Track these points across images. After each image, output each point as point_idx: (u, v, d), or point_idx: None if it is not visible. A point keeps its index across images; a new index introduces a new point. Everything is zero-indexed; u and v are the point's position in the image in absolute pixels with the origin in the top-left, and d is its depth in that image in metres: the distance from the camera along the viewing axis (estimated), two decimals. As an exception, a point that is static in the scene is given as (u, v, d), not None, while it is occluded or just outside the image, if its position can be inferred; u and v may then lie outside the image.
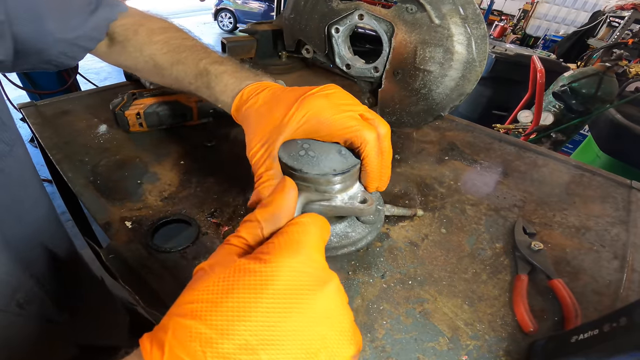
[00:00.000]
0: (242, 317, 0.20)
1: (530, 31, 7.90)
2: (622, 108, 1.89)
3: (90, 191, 0.54)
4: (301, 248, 0.24)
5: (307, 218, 0.27)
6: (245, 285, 0.21)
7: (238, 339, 0.19)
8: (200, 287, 0.21)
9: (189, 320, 0.20)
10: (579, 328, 0.33)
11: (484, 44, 0.59)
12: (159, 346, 0.19)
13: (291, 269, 0.22)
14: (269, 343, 0.19)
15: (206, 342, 0.19)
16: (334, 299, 0.23)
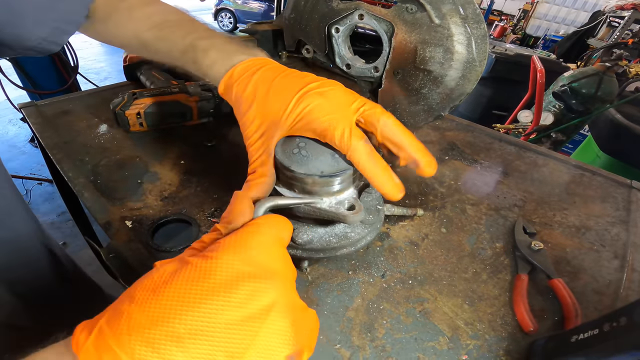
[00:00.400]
0: (176, 306, 0.20)
1: (530, 31, 7.90)
2: (622, 108, 1.89)
3: (91, 191, 0.54)
4: (245, 247, 0.24)
5: (262, 219, 0.28)
6: (184, 277, 0.22)
7: (167, 327, 0.20)
8: (145, 279, 0.23)
9: (125, 305, 0.21)
10: (579, 328, 0.33)
11: (484, 43, 0.59)
12: (89, 329, 0.20)
13: (229, 265, 0.23)
14: (197, 334, 0.20)
15: (134, 327, 0.19)
16: (271, 298, 0.23)
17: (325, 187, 0.38)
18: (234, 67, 0.41)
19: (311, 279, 0.43)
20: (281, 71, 0.40)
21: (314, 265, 0.45)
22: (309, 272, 0.44)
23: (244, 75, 0.40)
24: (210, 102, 0.69)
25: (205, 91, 0.69)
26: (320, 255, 0.43)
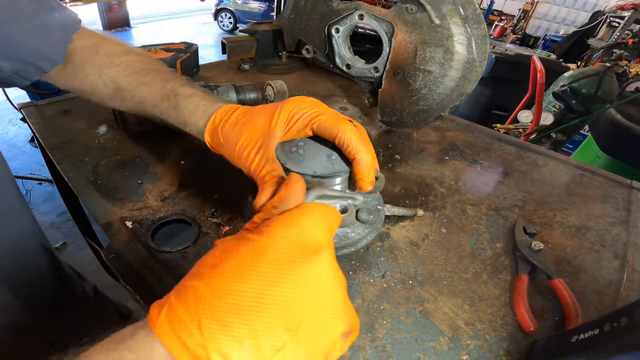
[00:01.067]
0: (236, 280, 0.21)
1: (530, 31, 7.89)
2: (622, 108, 1.89)
3: (91, 191, 0.54)
4: (298, 224, 0.25)
5: (314, 205, 0.28)
6: (242, 252, 0.23)
7: (229, 299, 0.21)
8: (207, 255, 0.24)
9: (190, 280, 0.22)
10: (580, 328, 0.33)
11: (484, 44, 0.59)
12: (161, 306, 0.21)
13: (285, 240, 0.24)
14: (257, 307, 0.21)
15: (200, 300, 0.21)
16: (325, 270, 0.24)
17: (318, 187, 0.38)
18: (215, 112, 0.42)
19: (311, 279, 0.43)
20: (258, 105, 0.42)
21: (314, 265, 0.45)
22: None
23: (226, 115, 0.41)
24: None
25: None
26: None
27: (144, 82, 0.47)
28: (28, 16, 0.42)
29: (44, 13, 0.44)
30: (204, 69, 0.96)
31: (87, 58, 0.48)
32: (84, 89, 0.50)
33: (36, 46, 0.43)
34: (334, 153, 0.38)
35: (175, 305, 0.21)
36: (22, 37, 0.42)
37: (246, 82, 0.80)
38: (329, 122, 0.36)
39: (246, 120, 0.39)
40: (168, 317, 0.20)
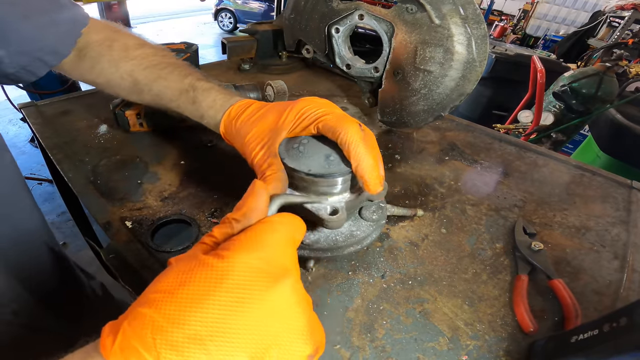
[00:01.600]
0: (194, 308, 0.20)
1: (530, 31, 7.89)
2: (622, 108, 1.89)
3: (91, 191, 0.54)
4: (261, 245, 0.24)
5: (277, 217, 0.27)
6: (201, 278, 0.22)
7: (188, 329, 0.20)
8: (161, 279, 0.22)
9: (145, 308, 0.20)
10: (579, 328, 0.33)
11: (484, 44, 0.59)
12: (115, 332, 0.20)
13: (246, 265, 0.22)
14: (218, 336, 0.20)
15: (157, 330, 0.19)
16: (288, 297, 0.23)
17: (311, 186, 0.38)
18: (232, 106, 0.43)
19: (311, 279, 0.43)
20: (273, 102, 0.42)
21: (315, 265, 0.45)
22: (311, 272, 0.44)
23: (241, 110, 0.42)
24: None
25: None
26: (327, 255, 0.43)
27: (161, 76, 0.47)
28: (37, 12, 0.42)
29: (52, 9, 0.44)
30: (204, 69, 0.96)
31: (103, 52, 0.48)
32: (101, 81, 0.51)
33: (43, 41, 0.44)
34: (333, 154, 0.38)
35: (129, 333, 0.20)
36: (30, 33, 0.42)
37: (246, 82, 0.80)
38: (333, 121, 0.36)
39: (259, 116, 0.40)
40: (122, 346, 0.19)
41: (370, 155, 0.36)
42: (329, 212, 0.38)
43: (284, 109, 0.39)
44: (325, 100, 0.39)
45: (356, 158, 0.36)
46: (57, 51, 0.46)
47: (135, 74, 0.48)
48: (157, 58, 0.49)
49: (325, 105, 0.38)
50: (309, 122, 0.38)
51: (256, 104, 0.42)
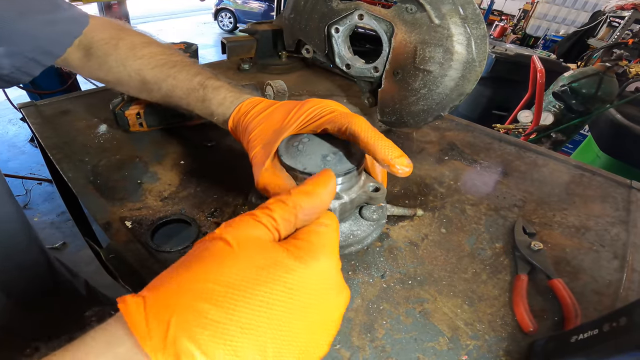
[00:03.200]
0: (267, 314, 0.19)
1: (530, 31, 7.89)
2: (622, 108, 1.89)
3: (90, 191, 0.54)
4: (331, 254, 0.24)
5: (331, 220, 0.26)
6: (279, 280, 0.21)
7: (256, 339, 0.19)
8: (226, 267, 0.20)
9: (206, 304, 0.18)
10: (579, 328, 0.33)
11: (483, 44, 0.59)
12: (159, 323, 0.18)
13: (322, 273, 0.22)
14: (280, 342, 0.19)
15: (221, 334, 0.18)
16: (341, 309, 0.23)
17: None
18: (242, 103, 0.43)
19: (311, 279, 0.43)
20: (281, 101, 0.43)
21: (314, 265, 0.45)
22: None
23: (250, 107, 0.42)
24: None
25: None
26: None
27: (170, 75, 0.48)
28: (34, 11, 0.42)
29: (50, 9, 0.44)
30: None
31: (109, 51, 0.48)
32: (110, 79, 0.51)
33: (38, 41, 0.44)
34: (332, 154, 0.38)
35: (180, 333, 0.18)
36: (25, 32, 0.42)
37: (246, 82, 0.80)
38: (339, 118, 0.36)
39: (266, 114, 0.41)
40: (169, 342, 0.18)
41: (384, 138, 0.34)
42: (372, 189, 0.39)
43: (291, 108, 0.39)
44: (333, 101, 0.39)
45: (372, 143, 0.34)
46: (49, 51, 0.46)
47: (144, 72, 0.48)
48: (164, 57, 0.49)
49: (333, 105, 0.38)
50: (317, 121, 0.37)
51: (265, 101, 0.42)
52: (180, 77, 0.47)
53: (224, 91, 0.46)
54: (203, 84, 0.46)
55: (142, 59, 0.48)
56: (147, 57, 0.49)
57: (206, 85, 0.46)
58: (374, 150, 0.34)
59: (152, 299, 0.19)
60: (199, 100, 0.46)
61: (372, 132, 0.34)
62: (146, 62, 0.48)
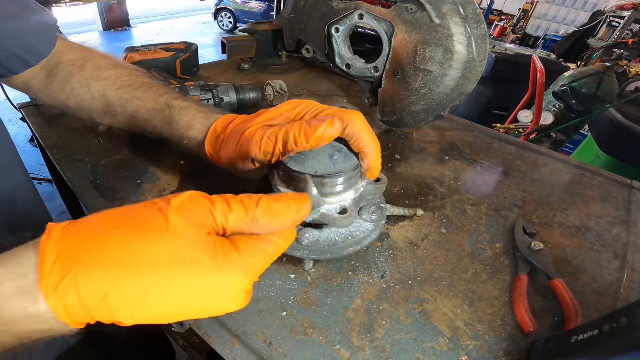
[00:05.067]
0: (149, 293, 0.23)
1: (530, 31, 7.89)
2: (622, 108, 1.89)
3: (90, 191, 0.54)
4: (251, 274, 0.25)
5: (284, 241, 0.27)
6: (185, 279, 0.23)
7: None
8: (149, 246, 0.23)
9: (111, 271, 0.22)
10: (579, 328, 0.33)
11: (484, 43, 0.59)
12: (62, 269, 0.22)
13: (229, 285, 0.25)
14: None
15: (111, 286, 0.22)
16: (215, 313, 0.26)
17: (321, 188, 0.38)
18: (215, 122, 0.41)
19: (311, 279, 0.43)
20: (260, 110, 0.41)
21: (315, 266, 0.45)
22: (310, 273, 0.44)
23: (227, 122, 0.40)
24: (210, 103, 0.69)
25: (205, 92, 0.69)
26: (327, 256, 0.43)
27: (136, 95, 0.45)
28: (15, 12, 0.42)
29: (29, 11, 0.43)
30: (204, 68, 0.96)
31: (74, 72, 0.46)
32: (72, 103, 0.48)
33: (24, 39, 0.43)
34: (336, 153, 0.38)
35: (81, 277, 0.22)
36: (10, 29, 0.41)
37: (246, 82, 0.80)
38: (339, 114, 0.36)
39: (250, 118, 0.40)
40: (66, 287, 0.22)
41: (377, 144, 0.37)
42: (338, 211, 0.38)
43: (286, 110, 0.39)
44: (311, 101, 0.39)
45: (366, 148, 0.36)
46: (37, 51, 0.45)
47: (108, 94, 0.46)
48: (131, 78, 0.47)
49: (317, 103, 0.38)
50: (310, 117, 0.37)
51: (241, 116, 0.41)
52: (146, 97, 0.45)
53: (192, 112, 0.43)
54: (169, 104, 0.44)
55: (108, 80, 0.46)
56: (112, 78, 0.46)
57: (173, 105, 0.44)
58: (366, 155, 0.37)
59: (71, 243, 0.23)
60: (166, 122, 0.44)
61: (368, 137, 0.36)
62: (111, 83, 0.46)
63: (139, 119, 0.46)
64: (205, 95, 0.69)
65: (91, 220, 0.24)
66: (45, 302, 0.21)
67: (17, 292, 0.22)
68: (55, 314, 0.22)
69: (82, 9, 6.78)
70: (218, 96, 0.69)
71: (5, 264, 0.23)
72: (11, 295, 0.22)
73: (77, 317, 0.22)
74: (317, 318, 0.39)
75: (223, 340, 0.36)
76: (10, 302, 0.22)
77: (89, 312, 0.22)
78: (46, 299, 0.21)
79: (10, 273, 0.22)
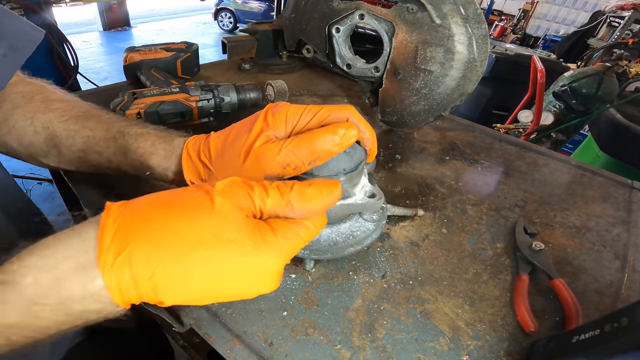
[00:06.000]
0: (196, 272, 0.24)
1: (530, 31, 7.90)
2: (622, 108, 1.89)
3: (90, 191, 0.54)
4: (285, 255, 0.26)
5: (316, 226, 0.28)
6: (227, 257, 0.24)
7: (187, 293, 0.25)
8: (196, 224, 0.24)
9: (160, 249, 0.23)
10: (580, 328, 0.33)
11: (485, 43, 0.59)
12: (119, 244, 0.23)
13: (266, 266, 0.26)
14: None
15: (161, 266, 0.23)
16: (254, 293, 0.27)
17: (349, 183, 0.39)
18: (186, 145, 0.37)
19: (311, 279, 0.43)
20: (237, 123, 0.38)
21: (315, 265, 0.45)
22: (311, 273, 0.44)
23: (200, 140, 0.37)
24: (211, 103, 0.69)
25: (205, 92, 0.69)
26: (327, 256, 0.43)
27: (86, 126, 0.40)
28: None
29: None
30: (204, 68, 0.96)
31: (20, 104, 0.40)
32: (11, 140, 0.41)
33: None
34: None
35: (135, 259, 0.23)
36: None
37: (246, 81, 0.80)
38: (335, 108, 0.36)
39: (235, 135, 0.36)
40: (122, 265, 0.23)
41: (372, 129, 0.39)
42: (368, 195, 0.39)
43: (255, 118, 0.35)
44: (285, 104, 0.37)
45: (365, 135, 0.38)
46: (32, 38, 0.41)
47: (53, 126, 0.39)
48: (81, 109, 0.42)
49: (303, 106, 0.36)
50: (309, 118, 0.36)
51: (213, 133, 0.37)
52: (97, 127, 0.40)
53: (151, 138, 0.38)
54: (123, 132, 0.39)
55: (55, 111, 0.40)
56: (61, 110, 0.40)
57: (127, 132, 0.39)
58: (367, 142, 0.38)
59: (128, 220, 0.24)
60: (121, 152, 0.39)
61: (365, 125, 0.38)
62: (58, 115, 0.40)
63: (90, 151, 0.40)
64: (205, 95, 0.69)
65: (145, 199, 0.27)
66: (102, 279, 0.22)
67: (78, 269, 0.23)
68: (109, 292, 0.23)
69: (82, 9, 6.79)
70: (218, 96, 0.69)
71: (66, 239, 0.24)
72: (73, 272, 0.23)
73: (128, 294, 0.23)
74: (317, 318, 0.39)
75: (224, 340, 0.36)
76: (72, 279, 0.22)
77: (139, 290, 0.23)
78: (103, 275, 0.22)
79: (71, 249, 0.23)
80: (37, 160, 0.42)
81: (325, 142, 0.33)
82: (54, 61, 2.06)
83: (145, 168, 0.39)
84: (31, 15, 1.89)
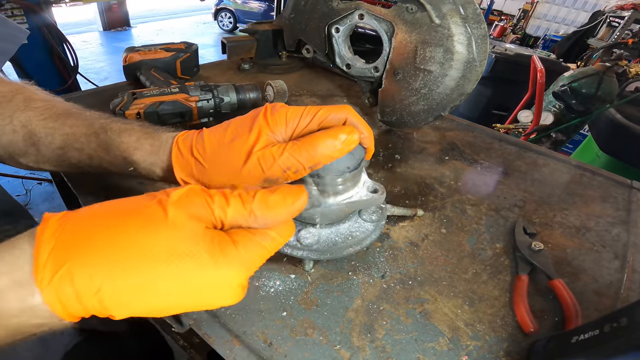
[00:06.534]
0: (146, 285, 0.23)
1: (530, 31, 7.90)
2: (622, 108, 1.89)
3: (90, 191, 0.54)
4: (247, 268, 0.25)
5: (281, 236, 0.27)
6: (183, 274, 0.23)
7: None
8: (149, 237, 0.23)
9: (106, 265, 0.22)
10: (580, 328, 0.33)
11: (484, 43, 0.59)
12: (57, 261, 0.22)
13: (224, 278, 0.24)
14: None
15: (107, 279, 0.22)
16: (212, 305, 0.26)
17: (353, 180, 0.39)
18: (175, 141, 0.36)
19: (311, 279, 0.43)
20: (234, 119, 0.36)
21: (315, 265, 0.45)
22: (310, 273, 0.44)
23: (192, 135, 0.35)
24: (210, 103, 0.69)
25: (205, 92, 0.69)
26: (327, 256, 0.43)
27: (66, 123, 0.39)
28: None
29: None
30: (204, 68, 0.96)
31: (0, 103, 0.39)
32: None
33: None
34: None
35: (76, 269, 0.22)
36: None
37: (246, 81, 0.80)
38: (334, 109, 0.36)
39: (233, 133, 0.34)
40: (62, 277, 0.21)
41: (369, 128, 0.38)
42: (371, 190, 0.40)
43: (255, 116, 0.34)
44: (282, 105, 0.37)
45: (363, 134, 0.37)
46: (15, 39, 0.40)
47: (33, 124, 0.38)
48: (62, 107, 0.41)
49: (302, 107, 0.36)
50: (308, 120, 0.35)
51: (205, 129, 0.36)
52: (77, 124, 0.38)
53: (136, 133, 0.37)
54: (105, 127, 0.38)
55: (35, 110, 0.39)
56: (41, 109, 0.39)
57: (110, 128, 0.37)
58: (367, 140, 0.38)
59: (68, 234, 0.22)
60: (103, 148, 0.37)
61: (363, 124, 0.37)
62: (38, 113, 0.39)
63: (69, 148, 0.38)
64: (205, 95, 0.69)
65: (89, 210, 0.24)
66: (41, 295, 0.21)
67: (14, 285, 0.21)
68: (49, 307, 0.21)
69: (82, 9, 6.78)
70: (218, 96, 0.69)
71: (1, 254, 0.22)
72: (8, 289, 0.21)
73: (72, 310, 0.22)
74: (317, 318, 0.39)
75: (223, 340, 0.36)
76: (7, 295, 0.21)
77: (84, 305, 0.22)
78: (41, 292, 0.21)
79: (6, 265, 0.22)
80: (15, 161, 0.41)
81: (326, 147, 0.33)
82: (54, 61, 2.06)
83: (128, 164, 0.37)
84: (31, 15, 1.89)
